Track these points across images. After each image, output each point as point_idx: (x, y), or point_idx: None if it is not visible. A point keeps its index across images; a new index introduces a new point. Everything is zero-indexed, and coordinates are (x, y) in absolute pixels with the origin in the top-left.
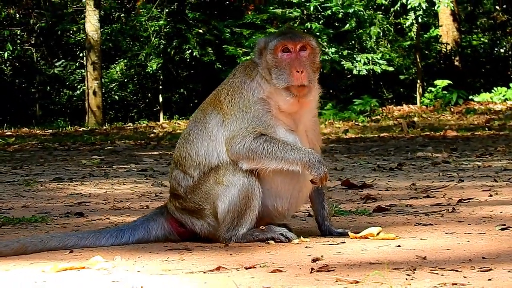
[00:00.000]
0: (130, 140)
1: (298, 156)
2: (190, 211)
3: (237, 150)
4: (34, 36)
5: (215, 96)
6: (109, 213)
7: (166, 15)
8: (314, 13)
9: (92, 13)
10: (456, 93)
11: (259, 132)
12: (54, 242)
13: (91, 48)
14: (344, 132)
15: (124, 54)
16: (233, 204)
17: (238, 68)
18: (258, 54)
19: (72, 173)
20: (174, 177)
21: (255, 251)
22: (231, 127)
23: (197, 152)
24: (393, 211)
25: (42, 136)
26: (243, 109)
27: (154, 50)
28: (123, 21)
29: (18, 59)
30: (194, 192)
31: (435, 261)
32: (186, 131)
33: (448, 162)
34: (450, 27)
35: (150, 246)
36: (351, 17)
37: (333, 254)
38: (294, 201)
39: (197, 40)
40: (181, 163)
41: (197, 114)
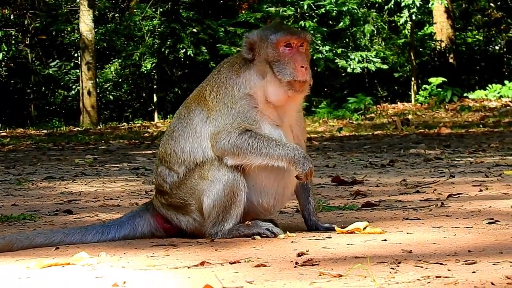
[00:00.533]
0: (124, 139)
1: (283, 152)
2: (176, 207)
3: (222, 146)
4: (28, 36)
5: (199, 92)
6: (98, 211)
7: (160, 14)
8: (307, 11)
9: (86, 13)
10: (451, 91)
11: (244, 127)
12: (40, 238)
13: (86, 48)
14: (338, 130)
15: (118, 54)
16: (219, 199)
17: (223, 64)
18: (248, 49)
19: (64, 172)
20: (159, 173)
21: (240, 246)
22: (216, 122)
23: (182, 148)
24: (381, 207)
25: (36, 136)
26: (228, 104)
27: (148, 50)
28: (117, 21)
29: (13, 60)
30: (179, 188)
31: (420, 255)
32: (170, 127)
33: (441, 158)
34: (445, 24)
35: (136, 242)
36: (344, 15)
37: (319, 249)
38: (280, 197)
39: (191, 39)
40: (166, 160)
41: (181, 110)
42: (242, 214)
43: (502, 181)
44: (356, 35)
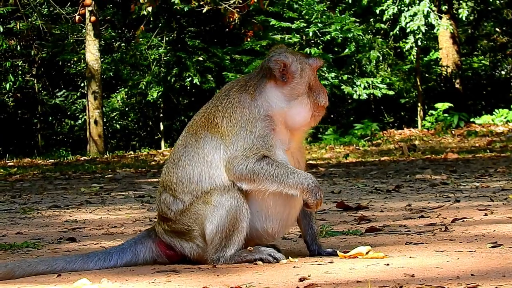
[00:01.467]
0: (131, 168)
1: (298, 180)
2: (179, 233)
3: (239, 171)
4: (35, 67)
5: (207, 119)
6: (101, 238)
7: (166, 43)
8: (313, 39)
9: (92, 42)
10: (457, 116)
11: (262, 154)
12: (42, 266)
13: (92, 78)
14: (344, 156)
15: (124, 83)
16: (221, 225)
17: (231, 88)
18: (281, 71)
19: (69, 201)
20: (163, 200)
21: (242, 271)
22: (234, 146)
23: (189, 178)
24: (385, 231)
25: (43, 166)
26: (247, 128)
27: (154, 79)
28: (123, 50)
29: (20, 90)
30: (184, 214)
31: (422, 279)
32: (175, 156)
33: (447, 183)
34: (450, 49)
35: (138, 268)
36: (350, 42)
37: (320, 274)
38: (284, 223)
39: (197, 67)
40: (171, 188)
41: (187, 138)
42: (245, 240)
43: (508, 205)
44: (361, 62)
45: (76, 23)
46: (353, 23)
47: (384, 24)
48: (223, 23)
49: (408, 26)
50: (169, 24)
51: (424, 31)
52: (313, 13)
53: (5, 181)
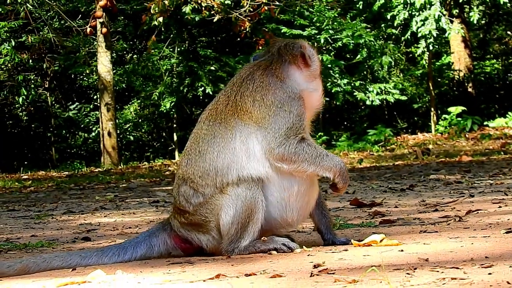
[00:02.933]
0: (145, 178)
1: (332, 163)
2: (196, 225)
3: (281, 152)
4: (47, 80)
5: (235, 107)
6: (116, 238)
7: (178, 53)
8: (325, 45)
9: (104, 54)
10: (471, 120)
11: (301, 133)
12: (57, 261)
13: (104, 90)
14: (359, 161)
15: (137, 94)
16: (237, 216)
17: (254, 73)
18: (303, 57)
19: (84, 207)
20: (182, 193)
21: (256, 261)
22: (274, 126)
23: (216, 170)
24: (399, 223)
25: (58, 178)
26: (285, 108)
27: (167, 89)
28: (135, 61)
29: (33, 104)
30: (202, 206)
31: (436, 262)
32: (201, 147)
33: (461, 182)
34: (462, 54)
35: (152, 261)
36: (362, 48)
37: (335, 260)
38: (303, 211)
39: (210, 77)
40: (193, 181)
41: (216, 128)
42: (260, 231)
43: None
44: (373, 67)
45: (88, 35)
46: (365, 29)
47: (396, 29)
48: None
49: (419, 30)
50: (180, 34)
51: (435, 35)
52: (324, 20)
53: (20, 193)
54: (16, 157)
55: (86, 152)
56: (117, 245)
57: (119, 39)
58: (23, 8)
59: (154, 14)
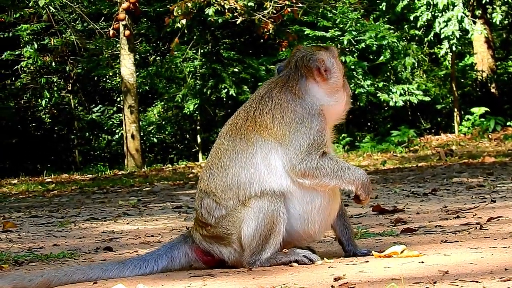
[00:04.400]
0: (169, 181)
1: (354, 176)
2: (218, 237)
3: (303, 168)
4: (70, 82)
5: (255, 123)
6: (138, 247)
7: (201, 55)
8: (348, 47)
9: (127, 57)
10: (494, 120)
11: (322, 148)
12: (78, 275)
13: (128, 92)
14: (382, 163)
15: (160, 96)
16: (258, 229)
17: (271, 90)
18: (320, 70)
19: (107, 213)
20: (205, 206)
21: (277, 273)
22: (296, 143)
23: (239, 185)
24: (420, 232)
25: (81, 181)
26: (305, 124)
27: (190, 91)
28: (158, 63)
29: (56, 107)
30: (225, 218)
31: (456, 275)
32: (223, 162)
33: (483, 185)
34: (485, 54)
35: (173, 274)
36: (385, 49)
37: (355, 273)
38: (324, 224)
39: (233, 79)
40: (216, 194)
41: (236, 143)
42: (281, 243)
43: None
44: (397, 69)
45: (111, 37)
46: (388, 30)
47: (419, 30)
48: (258, 34)
49: (442, 31)
50: (203, 36)
51: (458, 36)
52: (347, 21)
53: (43, 197)
54: (40, 160)
55: (110, 154)
56: (138, 257)
57: (142, 41)
58: (46, 10)
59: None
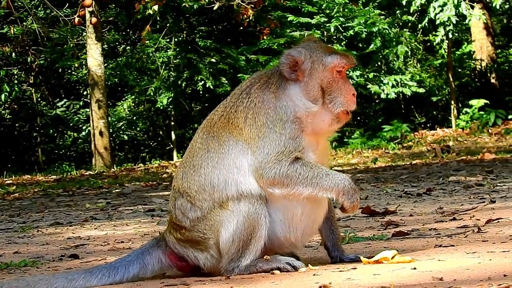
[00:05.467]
0: (141, 181)
1: (334, 182)
2: (194, 242)
3: (272, 176)
4: (32, 75)
5: (228, 120)
6: (106, 254)
7: (175, 44)
8: (335, 34)
9: (94, 46)
10: (494, 113)
11: (295, 156)
12: (41, 285)
13: (95, 85)
14: (373, 161)
15: (131, 89)
16: (238, 233)
17: (252, 85)
18: (291, 68)
19: (72, 218)
20: (179, 206)
21: (258, 282)
22: (264, 150)
23: (214, 186)
24: (413, 235)
25: (45, 182)
26: (276, 129)
27: (163, 84)
28: (128, 53)
29: (17, 101)
30: (200, 221)
31: (451, 281)
32: (196, 161)
33: (482, 184)
34: (484, 42)
35: (145, 283)
36: (375, 37)
37: (342, 281)
38: (308, 231)
39: (210, 70)
40: (190, 195)
41: (209, 141)
42: (262, 250)
43: None
44: (388, 58)
45: (76, 25)
46: (378, 16)
47: (412, 16)
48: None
49: (437, 17)
50: (177, 24)
51: (455, 22)
52: (334, 7)
53: (3, 200)
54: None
55: (76, 153)
56: (107, 264)
57: (110, 29)
58: None
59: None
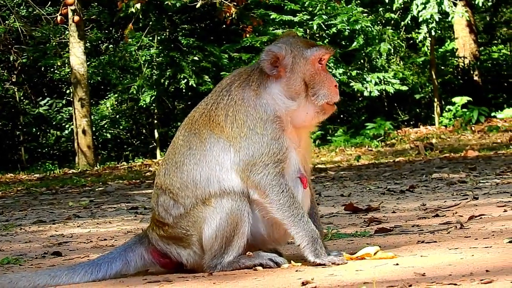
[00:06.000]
0: (124, 180)
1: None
2: (176, 238)
3: (258, 180)
4: (15, 73)
5: (209, 117)
6: (89, 252)
7: (158, 43)
8: (318, 32)
9: (77, 45)
10: (477, 111)
11: (281, 163)
12: (24, 282)
13: (78, 84)
14: (356, 158)
15: (114, 88)
16: (221, 230)
17: (232, 82)
18: (271, 64)
19: (56, 216)
20: (161, 203)
21: (240, 278)
22: (248, 152)
23: (196, 183)
24: (396, 232)
25: (28, 181)
26: (257, 130)
27: (146, 82)
28: (111, 52)
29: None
30: (183, 218)
31: (433, 277)
32: (178, 158)
33: (465, 181)
34: (467, 39)
35: (128, 279)
36: (358, 34)
37: (325, 276)
38: None
39: (193, 68)
40: (173, 192)
41: (191, 138)
42: (245, 246)
43: None
44: (371, 55)
45: (58, 24)
46: (361, 13)
47: (395, 13)
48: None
49: (420, 15)
50: (160, 22)
51: (438, 19)
52: (316, 4)
53: None
54: None
55: (59, 152)
56: (90, 262)
57: (93, 28)
58: None
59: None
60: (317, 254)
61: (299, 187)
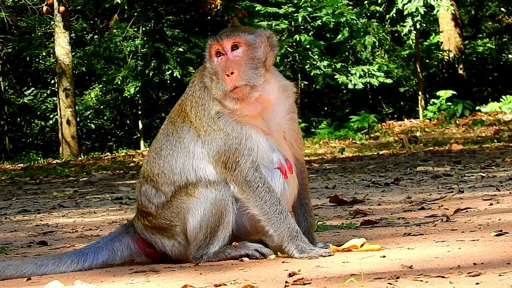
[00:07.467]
0: (108, 170)
1: (285, 224)
2: (161, 228)
3: (231, 177)
4: (0, 63)
5: (181, 107)
6: (75, 241)
7: (143, 33)
8: (303, 24)
9: (62, 35)
10: (462, 104)
11: (244, 153)
12: (10, 270)
13: (63, 74)
14: (340, 151)
15: (98, 78)
16: (205, 220)
17: (196, 73)
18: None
19: (40, 205)
20: (143, 192)
21: (227, 269)
22: (212, 147)
23: (172, 169)
24: (382, 224)
25: (12, 171)
26: (213, 127)
27: (131, 73)
28: (96, 42)
29: None
30: (166, 207)
31: (421, 270)
32: (157, 145)
33: (450, 175)
34: (452, 32)
35: (114, 269)
36: (343, 27)
37: (311, 268)
38: None
39: (177, 59)
40: (153, 179)
41: (168, 126)
42: (230, 236)
43: None
44: (356, 48)
45: (44, 14)
46: (346, 6)
47: (380, 6)
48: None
49: (405, 8)
50: (145, 13)
51: (423, 12)
52: None
53: None
54: None
55: (43, 142)
56: (76, 251)
57: (78, 18)
58: None
59: None
60: (301, 250)
61: (277, 178)
